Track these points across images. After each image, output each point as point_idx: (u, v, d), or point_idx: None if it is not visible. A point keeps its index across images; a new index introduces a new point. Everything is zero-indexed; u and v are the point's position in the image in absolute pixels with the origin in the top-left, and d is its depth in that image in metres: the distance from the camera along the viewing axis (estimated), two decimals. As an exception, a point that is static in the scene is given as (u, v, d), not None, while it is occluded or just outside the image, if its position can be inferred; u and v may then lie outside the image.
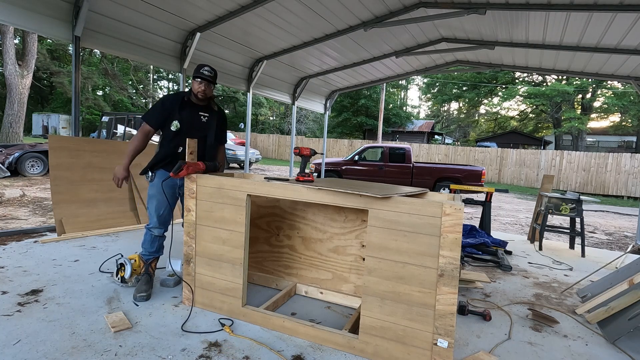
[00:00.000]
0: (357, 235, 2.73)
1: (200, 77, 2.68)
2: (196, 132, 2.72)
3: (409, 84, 43.78)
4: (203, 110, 2.82)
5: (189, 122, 2.71)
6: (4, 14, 3.74)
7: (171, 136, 2.69)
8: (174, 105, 2.70)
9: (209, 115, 2.83)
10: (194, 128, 2.74)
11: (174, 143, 2.70)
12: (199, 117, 2.78)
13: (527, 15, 4.97)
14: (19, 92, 12.93)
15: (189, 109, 2.73)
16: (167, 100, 2.72)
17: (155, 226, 2.76)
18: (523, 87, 28.38)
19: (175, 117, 2.67)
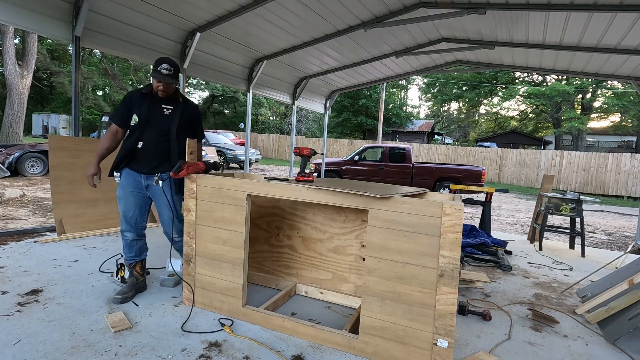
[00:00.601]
0: (357, 235, 2.73)
1: (159, 77, 2.53)
2: (156, 126, 2.61)
3: (409, 84, 43.79)
4: (166, 102, 2.67)
5: (148, 115, 2.59)
6: (4, 14, 3.74)
7: (132, 131, 2.62)
8: (134, 99, 2.61)
9: (172, 108, 2.69)
10: (154, 121, 2.61)
11: (134, 138, 2.61)
12: (161, 110, 2.64)
13: (527, 15, 4.97)
14: (19, 92, 12.93)
15: (148, 102, 2.61)
16: (127, 96, 2.65)
17: (126, 229, 2.67)
18: (523, 87, 28.38)
19: (134, 112, 2.59)
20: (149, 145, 2.62)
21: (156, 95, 2.62)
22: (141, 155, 2.61)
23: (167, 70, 2.55)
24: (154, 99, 2.63)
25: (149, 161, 2.63)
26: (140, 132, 2.59)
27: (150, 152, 2.62)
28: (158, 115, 2.63)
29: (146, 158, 2.63)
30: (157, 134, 2.63)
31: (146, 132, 2.59)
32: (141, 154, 2.61)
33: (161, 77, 2.52)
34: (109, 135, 2.65)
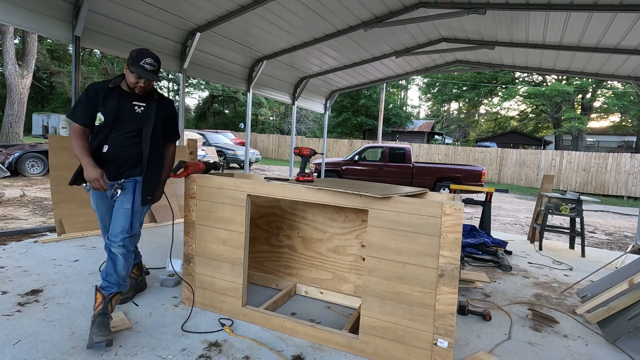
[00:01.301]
0: (357, 235, 2.73)
1: (141, 73, 2.18)
2: (126, 125, 2.26)
3: (409, 84, 43.80)
4: (138, 99, 2.31)
5: (116, 113, 2.22)
6: (4, 14, 3.74)
7: (95, 132, 2.24)
8: (100, 94, 2.22)
9: (145, 105, 2.33)
10: (124, 120, 2.25)
11: (98, 140, 2.23)
12: (132, 108, 2.28)
13: (527, 15, 4.97)
14: (19, 92, 12.93)
15: (116, 97, 2.24)
16: (91, 90, 2.23)
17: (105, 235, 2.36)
18: (523, 87, 28.38)
19: (98, 109, 2.22)
20: (116, 149, 2.24)
21: (128, 91, 2.29)
22: (107, 162, 2.24)
23: (151, 66, 2.22)
24: (124, 95, 2.27)
25: (116, 167, 2.27)
26: (105, 134, 2.23)
27: (118, 158, 2.26)
28: (128, 113, 2.27)
29: (114, 164, 2.26)
30: (127, 135, 2.26)
31: (113, 133, 2.23)
32: (107, 160, 2.24)
33: (145, 74, 2.19)
34: (78, 136, 2.20)
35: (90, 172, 2.11)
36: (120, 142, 2.26)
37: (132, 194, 2.29)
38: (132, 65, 2.19)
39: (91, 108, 2.21)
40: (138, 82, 2.22)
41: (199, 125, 34.34)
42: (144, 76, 2.20)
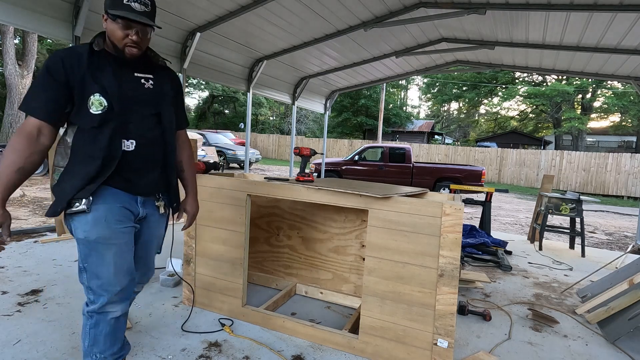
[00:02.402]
0: (357, 235, 2.73)
1: (128, 16, 1.39)
2: (141, 109, 1.52)
3: (409, 84, 43.79)
4: (140, 68, 1.55)
5: (121, 90, 1.46)
6: (4, 14, 3.74)
7: (96, 124, 1.42)
8: (74, 65, 1.40)
9: (153, 77, 1.58)
10: (135, 100, 1.50)
11: (108, 135, 1.43)
12: (137, 81, 1.53)
13: (527, 15, 4.97)
14: (19, 92, 12.93)
15: (109, 67, 1.46)
16: (59, 59, 1.39)
17: (115, 299, 1.48)
18: (523, 87, 28.38)
19: (91, 88, 1.41)
20: (146, 146, 1.53)
21: (119, 55, 1.47)
22: (132, 164, 1.50)
23: (142, 5, 1.43)
24: (118, 63, 1.49)
25: (146, 172, 1.55)
26: (118, 124, 1.45)
27: (147, 159, 1.55)
28: (138, 90, 1.52)
29: (144, 169, 1.54)
30: (147, 124, 1.54)
31: (131, 122, 1.48)
32: (132, 162, 1.50)
33: (135, 16, 1.40)
34: (25, 141, 1.36)
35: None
36: (145, 134, 1.52)
37: (167, 212, 1.74)
38: (113, 8, 1.39)
39: (60, 91, 1.39)
40: (127, 34, 1.42)
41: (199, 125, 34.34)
42: (135, 21, 1.41)
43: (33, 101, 1.40)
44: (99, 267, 1.44)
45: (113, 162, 1.45)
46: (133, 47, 1.45)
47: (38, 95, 1.39)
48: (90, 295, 1.46)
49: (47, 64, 1.40)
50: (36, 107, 1.39)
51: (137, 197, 1.56)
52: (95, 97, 1.41)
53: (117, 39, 1.43)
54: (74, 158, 1.45)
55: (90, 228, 1.43)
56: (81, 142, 1.45)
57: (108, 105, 1.42)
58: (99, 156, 1.42)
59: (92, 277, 1.45)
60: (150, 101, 1.55)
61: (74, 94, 1.40)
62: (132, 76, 1.52)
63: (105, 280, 1.44)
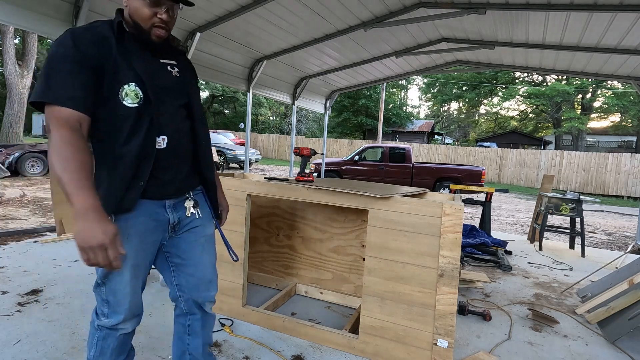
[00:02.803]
0: (357, 235, 2.73)
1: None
2: (171, 99, 1.31)
3: (409, 84, 43.80)
4: (164, 53, 1.35)
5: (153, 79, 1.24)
6: (4, 14, 3.74)
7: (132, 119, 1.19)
8: (110, 45, 1.17)
9: (177, 64, 1.38)
10: (166, 90, 1.30)
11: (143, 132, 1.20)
12: (164, 68, 1.33)
13: (527, 15, 4.97)
14: (19, 92, 12.93)
15: (138, 52, 1.24)
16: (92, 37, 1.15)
17: (125, 317, 1.33)
18: (523, 87, 28.39)
19: (125, 75, 1.18)
20: (177, 140, 1.32)
21: (144, 38, 1.24)
22: (161, 164, 1.28)
23: None
24: (144, 48, 1.26)
25: (176, 171, 1.34)
26: (150, 118, 1.22)
27: (179, 154, 1.34)
28: (166, 79, 1.32)
29: (175, 167, 1.33)
30: (177, 116, 1.33)
31: (163, 116, 1.26)
32: (162, 161, 1.28)
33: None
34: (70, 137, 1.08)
35: (95, 229, 1.01)
36: (178, 128, 1.32)
37: (209, 210, 1.52)
38: None
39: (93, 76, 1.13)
40: (155, 12, 1.20)
41: (199, 125, 34.29)
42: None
43: (63, 89, 1.08)
44: (117, 285, 1.28)
45: (148, 164, 1.21)
46: (161, 27, 1.22)
47: (68, 81, 1.09)
48: (104, 308, 1.31)
49: (73, 40, 1.11)
50: (72, 97, 1.08)
51: (165, 202, 1.33)
52: (130, 87, 1.17)
53: (142, 18, 1.19)
54: (100, 162, 1.21)
55: None
56: (108, 141, 1.18)
57: (144, 97, 1.19)
58: (131, 158, 1.18)
59: (109, 293, 1.29)
60: (180, 90, 1.35)
61: (103, 82, 1.14)
62: (158, 63, 1.32)
63: (122, 299, 1.30)
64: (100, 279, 1.29)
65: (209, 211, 1.51)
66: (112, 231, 1.04)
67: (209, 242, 1.50)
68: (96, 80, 1.13)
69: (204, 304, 1.49)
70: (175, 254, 1.43)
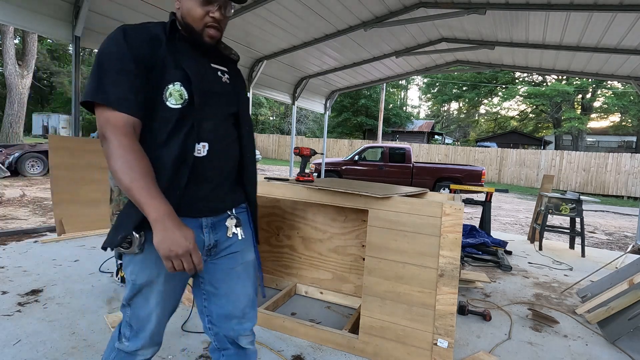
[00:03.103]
0: (357, 235, 2.73)
1: None
2: (219, 106, 1.19)
3: (409, 84, 43.82)
4: (216, 58, 1.26)
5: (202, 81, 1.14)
6: (4, 14, 3.74)
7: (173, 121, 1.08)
8: (160, 43, 1.10)
9: (228, 72, 1.28)
10: (214, 95, 1.18)
11: (182, 137, 1.08)
12: (215, 73, 1.22)
13: (527, 15, 4.97)
14: (19, 92, 12.94)
15: (188, 53, 1.15)
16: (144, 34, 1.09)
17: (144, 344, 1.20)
18: (523, 87, 28.40)
19: (171, 74, 1.09)
20: (222, 151, 1.18)
21: (197, 40, 1.16)
22: (200, 174, 1.13)
23: None
24: (193, 49, 1.17)
25: (216, 185, 1.19)
26: (195, 122, 1.11)
27: (222, 167, 1.20)
28: (216, 84, 1.21)
29: (216, 180, 1.18)
30: (223, 125, 1.21)
31: (206, 121, 1.14)
32: (201, 171, 1.13)
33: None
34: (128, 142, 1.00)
35: (177, 236, 0.97)
36: (222, 137, 1.19)
37: (251, 232, 1.36)
38: None
39: (143, 76, 1.05)
40: (208, 11, 1.13)
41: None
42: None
43: (114, 90, 1.00)
44: (141, 311, 1.18)
45: (184, 171, 1.08)
46: (214, 27, 1.15)
47: (119, 81, 1.01)
48: (127, 330, 1.20)
49: (125, 38, 1.04)
50: (124, 99, 1.00)
51: (202, 221, 1.17)
52: (175, 87, 1.08)
53: (195, 18, 1.12)
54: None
55: (139, 271, 1.13)
56: (150, 143, 1.07)
57: (188, 99, 1.09)
58: (169, 163, 1.06)
59: (133, 317, 1.19)
60: (229, 98, 1.24)
61: (150, 82, 1.07)
62: (209, 66, 1.21)
63: (144, 326, 1.19)
64: (126, 301, 1.19)
65: (251, 233, 1.34)
66: (192, 235, 1.01)
67: (247, 270, 1.31)
68: (146, 81, 1.06)
69: (238, 337, 1.30)
70: (208, 281, 1.27)
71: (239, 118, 1.27)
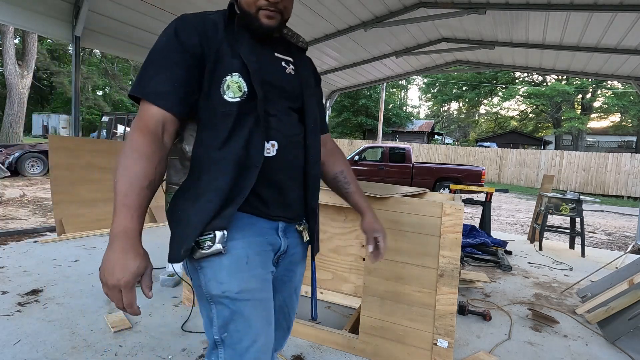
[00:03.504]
0: (357, 235, 2.73)
1: None
2: (282, 99, 1.06)
3: (409, 84, 43.82)
4: (279, 47, 1.12)
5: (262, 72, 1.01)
6: (4, 14, 3.75)
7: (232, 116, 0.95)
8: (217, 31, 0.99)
9: (293, 61, 1.14)
10: (278, 88, 1.06)
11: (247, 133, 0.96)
12: (279, 63, 1.10)
13: (527, 15, 4.97)
14: (19, 92, 12.94)
15: (247, 41, 1.03)
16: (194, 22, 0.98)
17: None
18: (523, 87, 28.41)
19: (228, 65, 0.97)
20: (289, 150, 1.05)
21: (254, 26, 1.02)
22: (271, 175, 1.01)
23: None
24: (253, 39, 1.04)
25: (289, 187, 1.07)
26: (258, 117, 0.98)
27: (289, 166, 1.06)
28: (279, 75, 1.08)
29: (284, 180, 1.05)
30: (289, 120, 1.07)
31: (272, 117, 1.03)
32: (272, 172, 1.01)
33: None
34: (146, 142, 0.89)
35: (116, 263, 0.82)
36: (289, 135, 1.05)
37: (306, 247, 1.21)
38: None
39: (193, 68, 0.95)
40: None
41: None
42: None
43: (152, 81, 0.92)
44: (245, 338, 0.93)
45: (252, 172, 0.96)
46: (268, 10, 0.99)
47: (160, 73, 0.92)
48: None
49: (175, 27, 0.96)
50: (159, 92, 0.91)
51: (278, 224, 1.05)
52: (232, 79, 0.95)
53: (248, 2, 1.00)
54: (197, 169, 0.96)
55: (229, 278, 0.93)
56: (206, 144, 0.96)
57: (248, 91, 0.96)
58: (232, 163, 0.94)
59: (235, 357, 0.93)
60: (293, 92, 1.09)
61: (204, 72, 0.95)
62: (272, 56, 1.08)
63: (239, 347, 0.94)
64: (219, 334, 0.95)
65: (306, 250, 1.21)
66: (134, 267, 0.82)
67: (299, 283, 1.22)
68: (195, 73, 0.95)
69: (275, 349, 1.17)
70: None
71: (304, 114, 1.12)
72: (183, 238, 0.93)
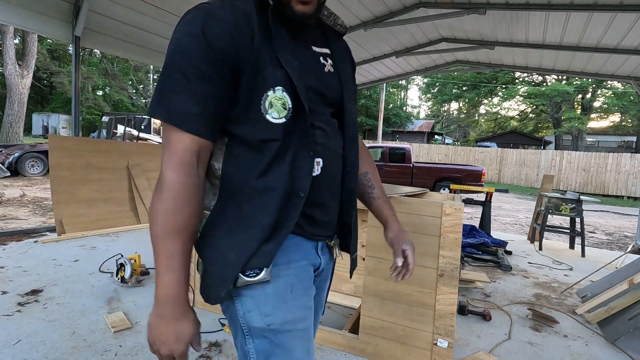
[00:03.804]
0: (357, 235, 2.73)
1: None
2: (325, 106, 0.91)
3: (409, 84, 43.83)
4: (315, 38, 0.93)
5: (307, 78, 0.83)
6: (4, 14, 3.75)
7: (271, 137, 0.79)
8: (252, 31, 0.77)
9: (330, 54, 0.95)
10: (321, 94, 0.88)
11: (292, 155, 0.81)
12: (317, 61, 0.90)
13: (527, 15, 4.97)
14: (19, 92, 12.95)
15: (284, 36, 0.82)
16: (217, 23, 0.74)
17: None
18: (523, 87, 28.41)
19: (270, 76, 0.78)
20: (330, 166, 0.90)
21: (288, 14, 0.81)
22: (315, 194, 0.86)
23: None
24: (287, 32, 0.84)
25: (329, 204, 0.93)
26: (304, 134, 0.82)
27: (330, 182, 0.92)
28: (321, 77, 0.89)
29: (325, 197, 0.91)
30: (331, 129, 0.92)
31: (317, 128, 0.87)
32: (316, 191, 0.86)
33: None
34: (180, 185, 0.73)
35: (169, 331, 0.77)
36: (331, 148, 0.91)
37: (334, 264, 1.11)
38: None
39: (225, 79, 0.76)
40: None
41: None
42: None
43: (178, 101, 0.73)
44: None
45: (299, 201, 0.82)
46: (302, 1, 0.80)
47: (185, 90, 0.73)
48: None
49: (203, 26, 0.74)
50: (189, 113, 0.73)
51: (318, 243, 0.95)
52: (276, 94, 0.78)
53: None
54: (234, 196, 0.81)
55: (272, 308, 0.82)
56: (243, 167, 0.81)
57: (293, 107, 0.80)
58: (278, 194, 0.80)
59: None
60: (333, 95, 0.92)
61: (240, 84, 0.78)
62: (310, 52, 0.90)
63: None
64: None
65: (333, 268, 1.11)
66: (187, 335, 0.78)
67: (325, 300, 1.13)
68: (231, 86, 0.77)
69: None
70: None
71: (343, 118, 0.96)
72: (222, 278, 0.82)
